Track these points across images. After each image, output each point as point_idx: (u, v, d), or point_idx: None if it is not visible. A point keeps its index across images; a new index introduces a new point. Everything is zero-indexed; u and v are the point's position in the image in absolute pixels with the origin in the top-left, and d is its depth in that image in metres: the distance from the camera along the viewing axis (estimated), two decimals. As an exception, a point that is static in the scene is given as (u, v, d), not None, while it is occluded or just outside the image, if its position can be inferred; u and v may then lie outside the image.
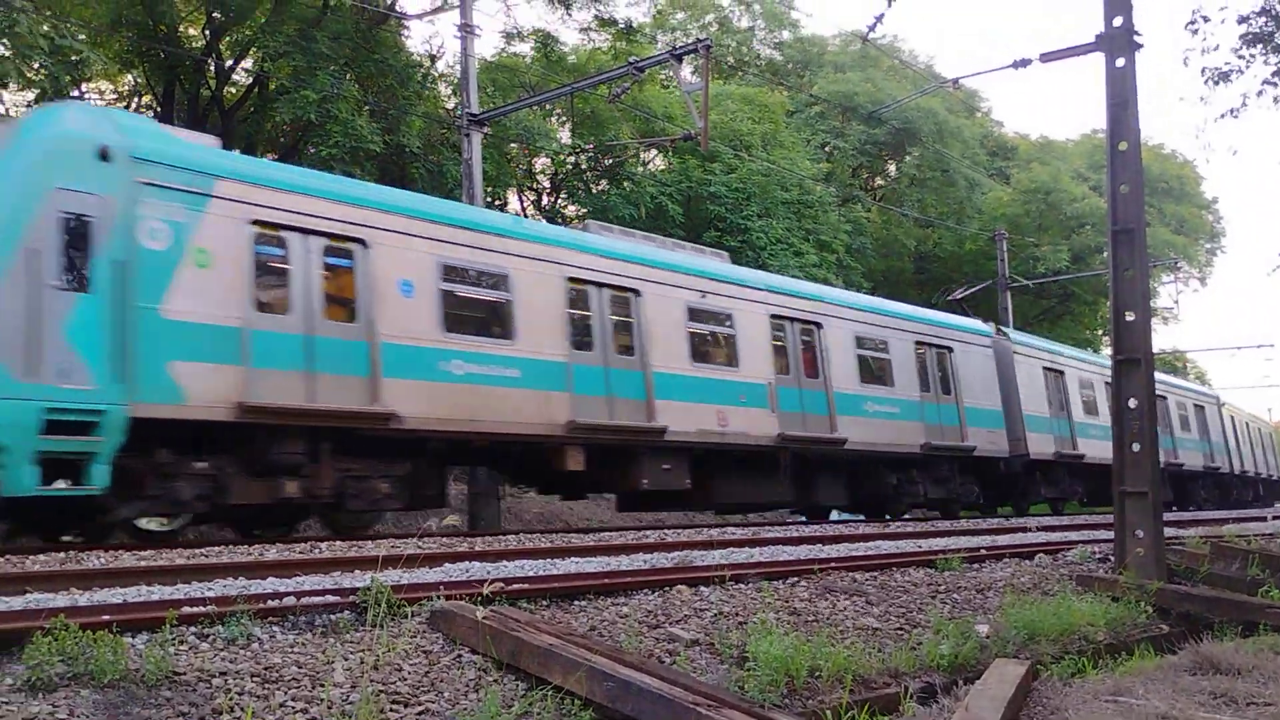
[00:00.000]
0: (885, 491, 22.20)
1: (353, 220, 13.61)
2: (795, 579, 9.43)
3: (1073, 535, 15.62)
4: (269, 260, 12.84)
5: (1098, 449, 27.19)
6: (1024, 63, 17.21)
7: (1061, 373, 28.07)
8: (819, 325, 20.55)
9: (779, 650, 6.59)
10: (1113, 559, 12.03)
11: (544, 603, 7.50)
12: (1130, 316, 12.10)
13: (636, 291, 17.10)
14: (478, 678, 5.92)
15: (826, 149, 43.48)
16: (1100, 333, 52.11)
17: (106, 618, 5.62)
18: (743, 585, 8.84)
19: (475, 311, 15.02)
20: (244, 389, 12.06)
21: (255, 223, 12.64)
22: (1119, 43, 12.35)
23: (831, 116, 43.69)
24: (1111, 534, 12.19)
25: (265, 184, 12.91)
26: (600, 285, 16.64)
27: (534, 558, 10.50)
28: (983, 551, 12.34)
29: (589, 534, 16.52)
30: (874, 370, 21.81)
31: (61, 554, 10.12)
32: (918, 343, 23.12)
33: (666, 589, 8.35)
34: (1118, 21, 12.38)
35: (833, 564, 10.16)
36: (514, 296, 15.25)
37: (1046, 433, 26.41)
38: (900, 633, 8.22)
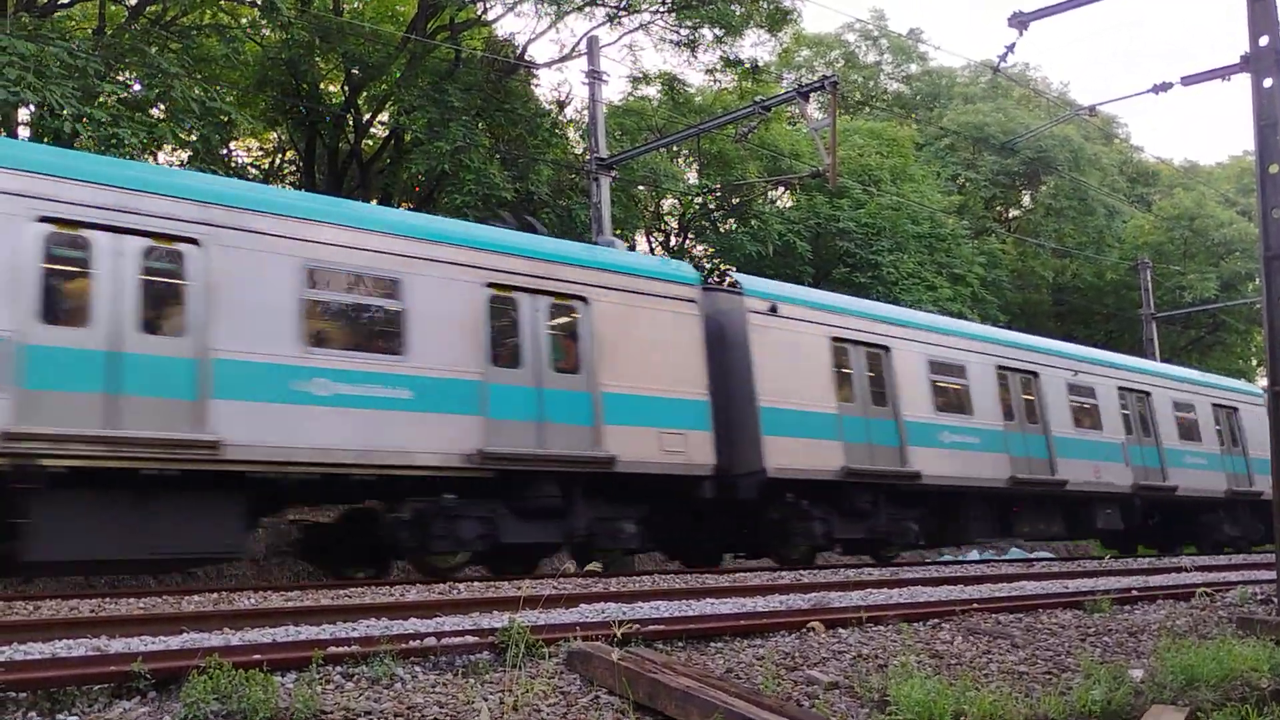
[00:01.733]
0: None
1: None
2: (936, 621, 9.19)
3: (1231, 575, 14.90)
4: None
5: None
6: (1164, 87, 16.69)
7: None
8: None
9: (921, 694, 6.42)
10: (1275, 600, 11.43)
11: (679, 644, 7.47)
12: (1287, 345, 11.56)
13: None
14: (615, 719, 5.91)
15: (958, 181, 42.80)
16: (1255, 363, 49.94)
17: (258, 656, 5.78)
18: (881, 627, 8.66)
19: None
20: None
21: None
22: (1265, 62, 11.89)
23: (962, 148, 43.03)
24: (1274, 574, 11.59)
25: None
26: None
27: (669, 599, 10.46)
28: (1134, 592, 11.86)
29: (723, 575, 16.42)
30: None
31: (215, 594, 10.47)
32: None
33: (803, 631, 8.23)
34: (1264, 40, 11.93)
35: (975, 605, 9.88)
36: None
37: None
38: (1048, 677, 7.93)
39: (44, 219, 10.98)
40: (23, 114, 18.95)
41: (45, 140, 17.15)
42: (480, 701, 5.85)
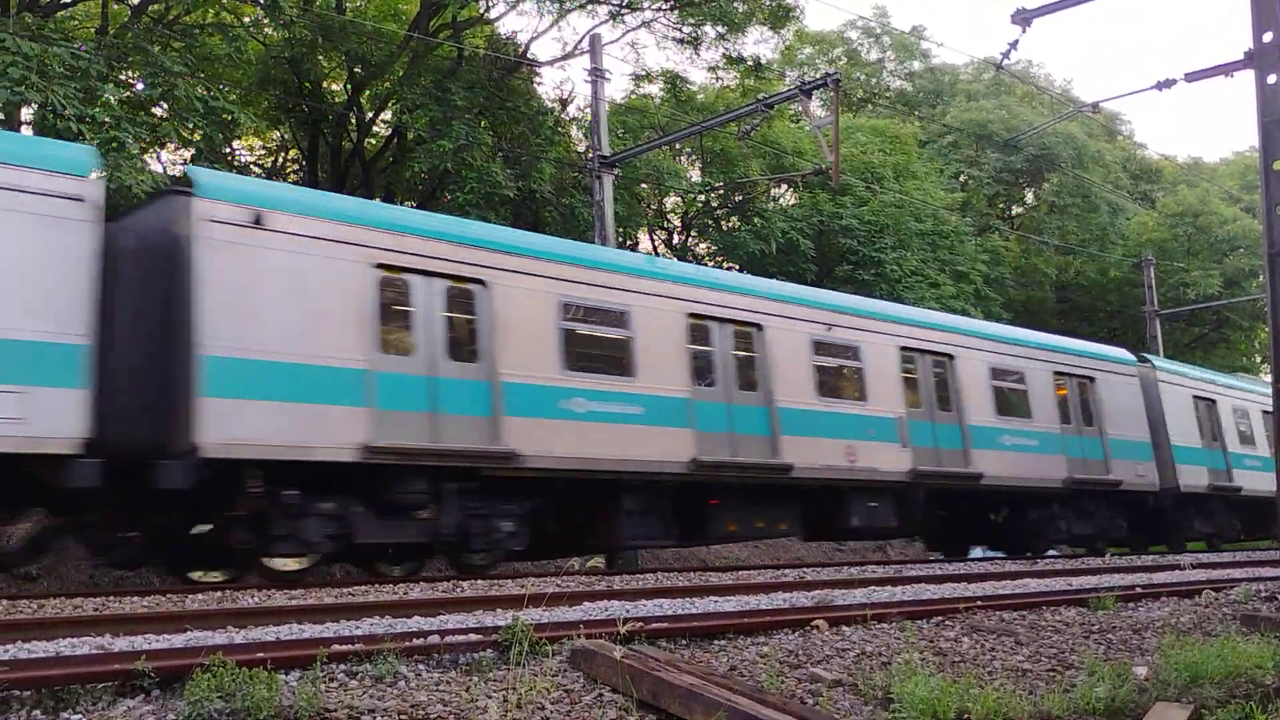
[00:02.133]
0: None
1: None
2: (940, 618, 9.19)
3: (1235, 573, 14.89)
4: None
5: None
6: (1168, 83, 16.73)
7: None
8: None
9: (925, 691, 6.42)
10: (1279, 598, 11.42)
11: (683, 642, 7.47)
12: (1291, 342, 11.56)
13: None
14: (619, 717, 5.91)
15: (961, 178, 42.78)
16: (1259, 359, 49.88)
17: (261, 655, 5.78)
18: (885, 625, 8.65)
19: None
20: None
21: None
22: (1269, 58, 11.89)
23: (965, 145, 43.01)
24: (1278, 572, 11.59)
25: None
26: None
27: (672, 597, 10.47)
28: (1138, 590, 11.84)
29: (726, 572, 16.43)
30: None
31: (218, 593, 10.49)
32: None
33: (807, 628, 8.23)
34: (1268, 37, 11.93)
35: (979, 603, 9.87)
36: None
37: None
38: (1052, 674, 7.93)
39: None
40: (25, 114, 18.96)
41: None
42: (485, 699, 5.85)
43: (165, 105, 19.65)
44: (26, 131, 19.61)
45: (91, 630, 7.23)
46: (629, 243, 30.91)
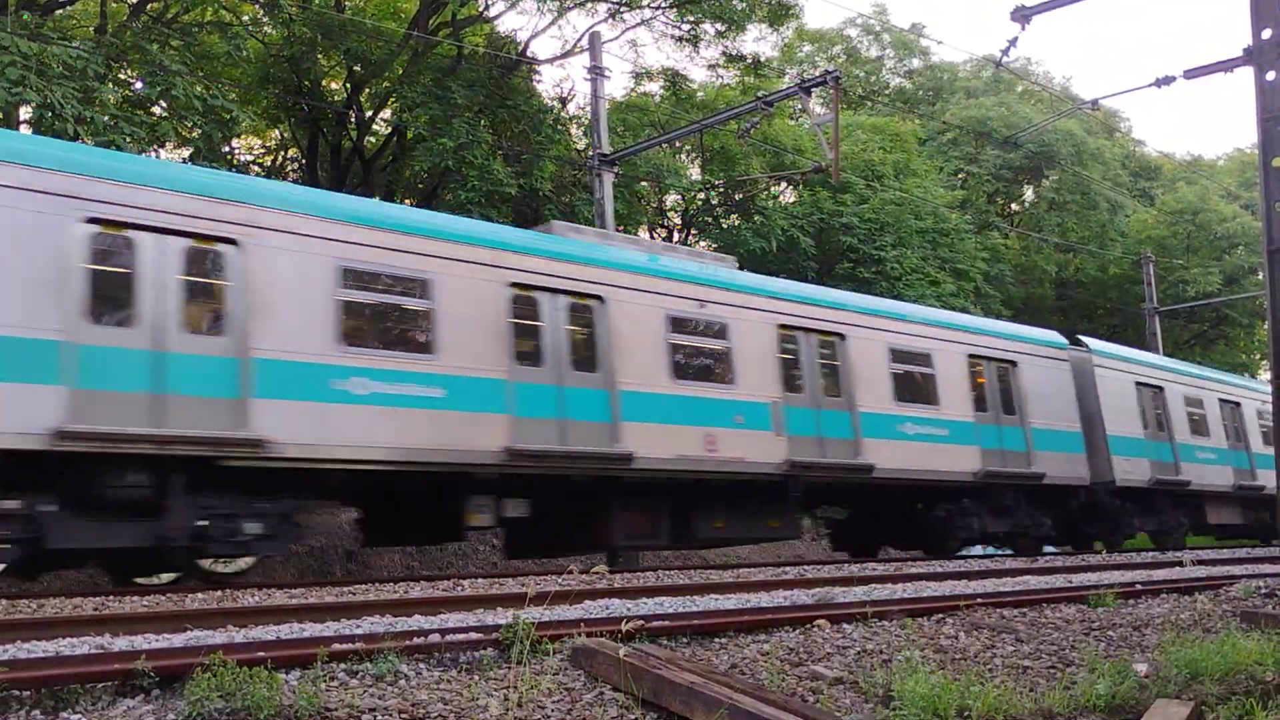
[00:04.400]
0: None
1: None
2: (940, 616, 9.19)
3: (1235, 570, 14.89)
4: None
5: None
6: (1167, 80, 16.73)
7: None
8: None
9: (925, 689, 6.41)
10: (1280, 594, 11.41)
11: (684, 640, 7.46)
12: (1291, 339, 11.55)
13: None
14: (620, 715, 5.91)
15: (960, 176, 42.78)
16: (1259, 356, 49.89)
17: (262, 654, 5.77)
18: (886, 622, 8.65)
19: None
20: None
21: None
22: (1268, 55, 11.88)
23: (965, 143, 42.99)
24: (1278, 568, 11.58)
25: None
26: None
27: (673, 594, 10.46)
28: (1138, 587, 11.85)
29: (727, 570, 16.42)
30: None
31: (218, 592, 10.48)
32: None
33: (808, 626, 8.23)
34: (1266, 33, 11.92)
35: (979, 600, 9.88)
36: None
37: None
38: (1052, 671, 7.92)
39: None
40: (23, 113, 18.94)
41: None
42: (486, 698, 5.85)
43: (164, 104, 19.65)
44: (25, 131, 19.62)
45: (91, 630, 7.21)
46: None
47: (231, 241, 11.99)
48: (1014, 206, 48.65)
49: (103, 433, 10.79)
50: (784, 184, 34.62)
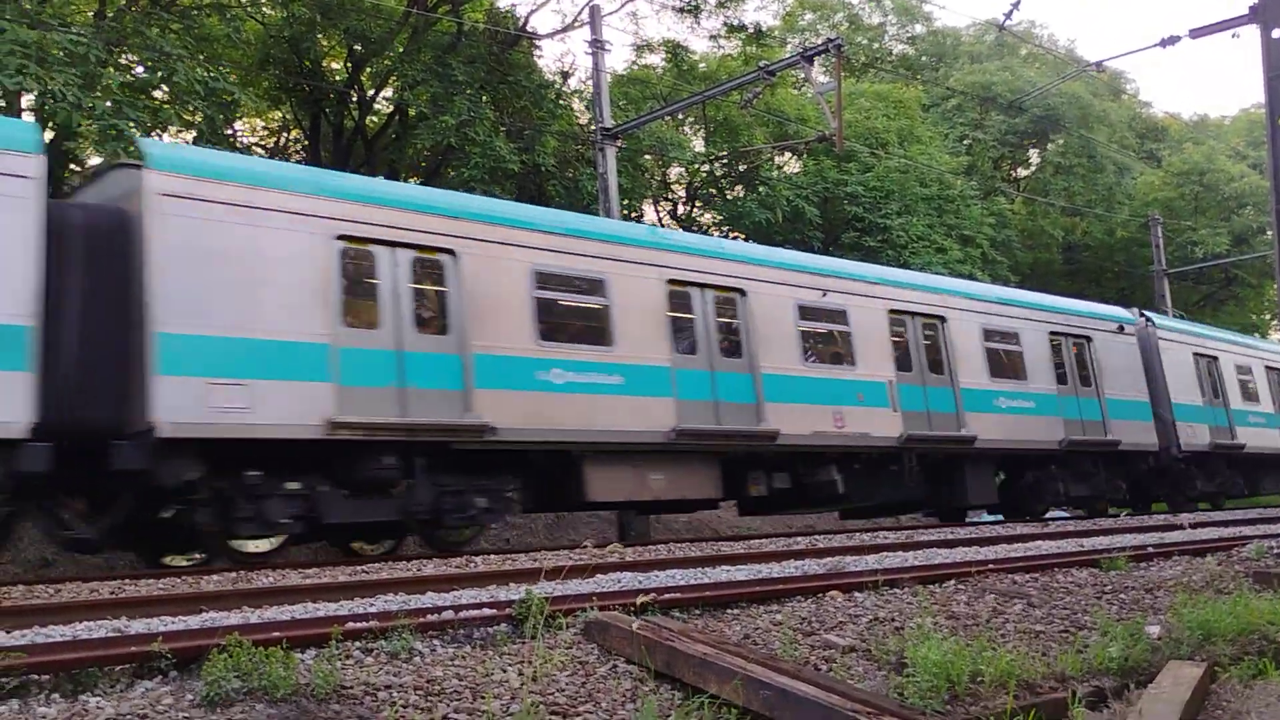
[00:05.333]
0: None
1: None
2: (952, 582, 9.21)
3: (1247, 530, 14.89)
4: None
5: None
6: (1172, 40, 16.60)
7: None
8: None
9: (938, 655, 6.44)
10: (1292, 554, 11.42)
11: (696, 611, 7.50)
12: (1300, 298, 11.51)
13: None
14: (634, 688, 5.95)
15: (965, 141, 42.52)
16: (1268, 316, 49.70)
17: (277, 634, 5.81)
18: (898, 590, 8.68)
19: None
20: None
21: None
22: (1274, 13, 11.78)
23: (969, 108, 42.71)
24: (1289, 528, 11.58)
25: None
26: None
27: (685, 567, 10.50)
28: (1150, 549, 11.86)
29: (738, 542, 16.46)
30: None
31: (233, 574, 10.54)
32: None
33: (820, 595, 8.26)
34: (1272, -10, 11.81)
35: (991, 566, 9.90)
36: None
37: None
38: (1065, 635, 7.95)
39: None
40: (24, 100, 18.90)
41: (49, 126, 17.15)
42: (501, 673, 5.88)
43: (165, 88, 19.59)
44: (28, 118, 19.60)
45: (108, 613, 7.27)
46: (634, 215, 30.81)
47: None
48: (1020, 171, 48.38)
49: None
50: (788, 154, 34.46)
